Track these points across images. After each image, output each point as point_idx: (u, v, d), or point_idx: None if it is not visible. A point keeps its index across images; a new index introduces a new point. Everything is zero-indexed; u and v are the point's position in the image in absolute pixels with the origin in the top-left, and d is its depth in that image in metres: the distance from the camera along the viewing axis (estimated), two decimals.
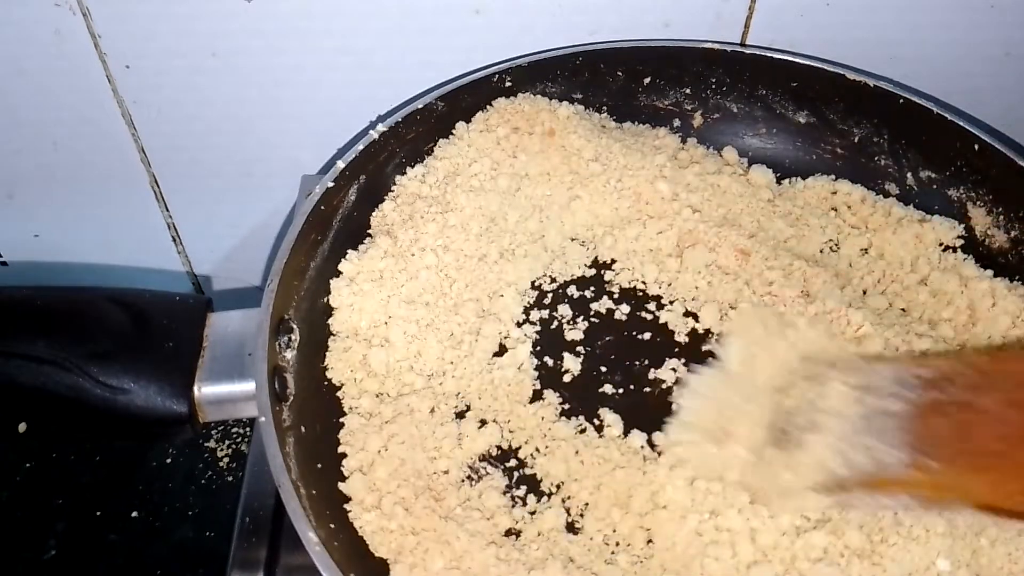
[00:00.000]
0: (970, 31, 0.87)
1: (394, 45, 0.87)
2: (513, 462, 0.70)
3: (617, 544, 0.66)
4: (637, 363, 0.76)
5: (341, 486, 0.66)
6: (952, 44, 0.89)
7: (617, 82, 0.89)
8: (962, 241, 0.82)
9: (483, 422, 0.71)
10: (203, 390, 0.65)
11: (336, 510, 0.65)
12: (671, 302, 0.79)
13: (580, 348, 0.77)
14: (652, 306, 0.79)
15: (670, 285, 0.80)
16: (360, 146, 0.79)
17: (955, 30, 0.87)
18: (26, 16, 0.81)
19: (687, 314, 0.78)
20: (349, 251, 0.76)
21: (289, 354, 0.70)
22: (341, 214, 0.78)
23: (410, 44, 0.87)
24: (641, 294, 0.80)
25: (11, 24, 0.82)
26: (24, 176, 0.96)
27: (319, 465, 0.67)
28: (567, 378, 0.75)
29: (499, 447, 0.71)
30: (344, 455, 0.68)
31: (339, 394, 0.72)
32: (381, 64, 0.88)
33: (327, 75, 0.89)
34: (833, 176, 0.87)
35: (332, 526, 0.63)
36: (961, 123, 0.82)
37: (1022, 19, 0.86)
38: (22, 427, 0.94)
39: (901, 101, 0.84)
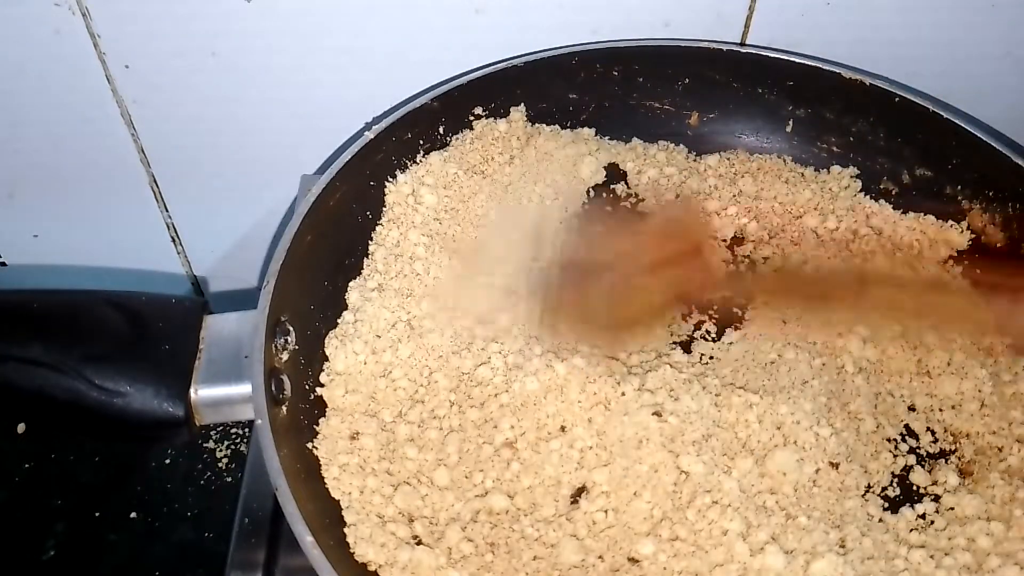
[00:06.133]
0: (970, 31, 0.87)
1: (394, 45, 0.87)
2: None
3: None
4: None
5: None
6: (952, 44, 0.89)
7: (614, 82, 0.89)
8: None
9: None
10: (200, 393, 0.65)
11: (333, 513, 0.65)
12: None
13: None
14: None
15: None
16: (356, 147, 0.79)
17: (955, 30, 0.87)
18: (26, 16, 0.81)
19: None
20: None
21: (286, 356, 0.70)
22: (338, 214, 0.78)
23: (410, 44, 0.87)
24: None
25: (11, 24, 0.82)
26: (24, 176, 0.96)
27: (316, 467, 0.67)
28: None
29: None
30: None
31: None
32: (381, 64, 0.88)
33: (327, 75, 0.89)
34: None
35: (329, 528, 0.63)
36: (958, 121, 0.82)
37: (1022, 19, 0.86)
38: (21, 427, 0.95)
39: (897, 99, 0.84)
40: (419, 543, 0.64)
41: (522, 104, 0.88)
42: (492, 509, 0.66)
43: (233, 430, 1.02)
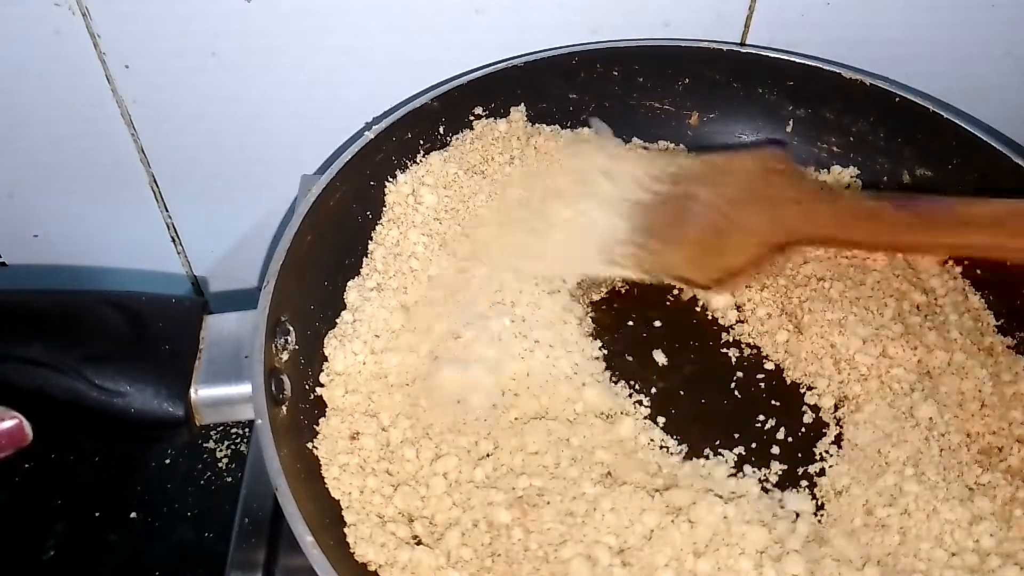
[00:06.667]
0: (970, 31, 0.87)
1: (394, 44, 0.87)
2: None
3: None
4: None
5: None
6: (952, 44, 0.89)
7: (614, 82, 0.89)
8: None
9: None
10: (200, 393, 0.65)
11: (333, 513, 0.65)
12: None
13: None
14: None
15: None
16: (356, 147, 0.79)
17: (955, 30, 0.87)
18: (26, 16, 0.81)
19: None
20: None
21: (286, 356, 0.70)
22: (338, 214, 0.78)
23: (410, 43, 0.87)
24: None
25: (11, 24, 0.82)
26: (24, 176, 0.96)
27: (316, 467, 0.67)
28: None
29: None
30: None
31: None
32: (381, 64, 0.88)
33: (327, 75, 0.89)
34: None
35: (329, 528, 0.63)
36: (958, 121, 0.82)
37: (1022, 19, 0.86)
38: None
39: (897, 99, 0.84)
40: (419, 543, 0.64)
41: (522, 104, 0.88)
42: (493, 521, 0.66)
43: (233, 430, 1.02)
